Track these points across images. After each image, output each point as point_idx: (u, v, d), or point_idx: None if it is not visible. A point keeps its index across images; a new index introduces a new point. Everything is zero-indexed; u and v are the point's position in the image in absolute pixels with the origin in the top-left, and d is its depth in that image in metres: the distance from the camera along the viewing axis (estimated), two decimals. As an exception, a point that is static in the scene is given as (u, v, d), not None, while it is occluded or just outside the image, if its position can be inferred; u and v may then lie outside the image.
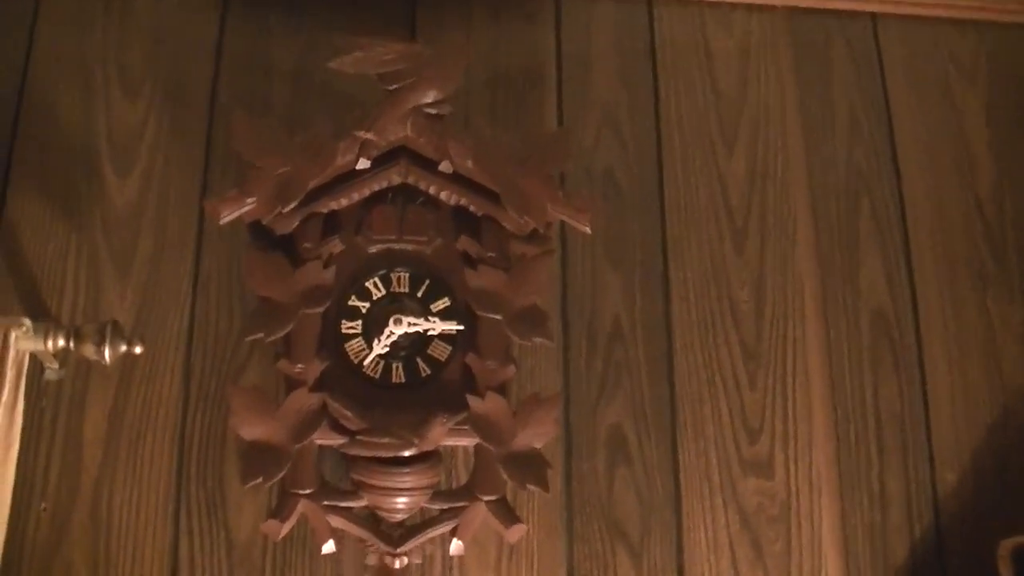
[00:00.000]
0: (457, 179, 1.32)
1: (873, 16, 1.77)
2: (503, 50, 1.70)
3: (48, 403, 1.45)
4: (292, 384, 1.26)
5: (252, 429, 1.24)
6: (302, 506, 1.24)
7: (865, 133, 1.70)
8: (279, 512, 1.23)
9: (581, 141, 1.64)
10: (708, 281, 1.59)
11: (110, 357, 1.36)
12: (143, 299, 1.51)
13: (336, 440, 1.25)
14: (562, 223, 1.42)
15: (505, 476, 1.24)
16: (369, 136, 1.28)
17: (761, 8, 1.75)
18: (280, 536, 1.23)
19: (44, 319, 1.41)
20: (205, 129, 1.60)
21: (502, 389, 1.28)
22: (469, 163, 1.29)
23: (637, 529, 1.48)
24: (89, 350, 1.36)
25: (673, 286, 1.59)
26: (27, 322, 1.34)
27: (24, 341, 1.34)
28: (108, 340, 1.36)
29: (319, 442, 1.26)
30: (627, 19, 1.74)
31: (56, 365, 1.46)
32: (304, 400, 1.24)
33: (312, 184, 1.28)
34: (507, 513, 1.25)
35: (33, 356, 1.39)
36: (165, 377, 1.48)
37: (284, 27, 1.66)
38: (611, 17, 1.73)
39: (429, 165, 1.31)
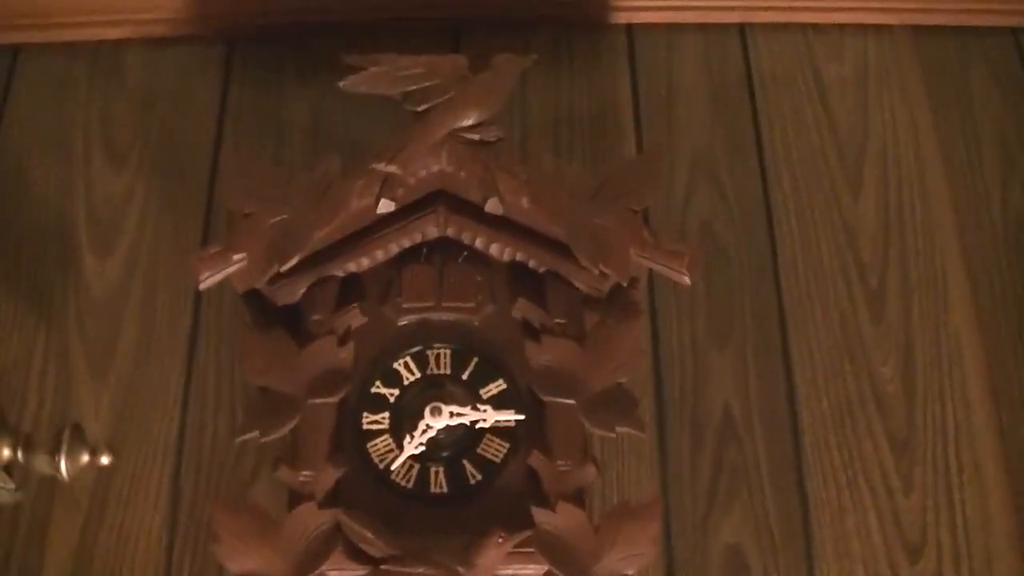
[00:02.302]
0: (510, 226, 1.09)
1: (1015, 31, 1.58)
2: (566, 91, 1.52)
3: (1, 532, 1.27)
4: (297, 498, 1.03)
5: (243, 560, 1.01)
6: None
7: (1020, 166, 1.49)
8: None
9: (671, 193, 1.45)
10: (841, 358, 1.37)
11: (68, 471, 1.11)
12: (123, 404, 1.33)
13: (355, 572, 1.01)
14: (650, 284, 1.27)
15: None
16: (392, 169, 1.04)
17: (878, 28, 1.57)
18: None
19: (-11, 426, 1.20)
20: (204, 200, 1.45)
21: (579, 498, 1.04)
22: (524, 201, 1.06)
23: None
24: (42, 462, 1.12)
25: (796, 366, 1.36)
26: (-36, 428, 1.11)
27: (-39, 452, 1.11)
28: (65, 448, 1.11)
29: (332, 574, 1.02)
30: (716, 48, 1.56)
31: (11, 485, 1.21)
32: (312, 519, 1.01)
33: (320, 236, 1.06)
34: None
35: (-21, 474, 1.18)
36: (147, 501, 1.29)
37: (297, 77, 1.53)
38: (696, 47, 1.56)
39: (473, 211, 1.09)
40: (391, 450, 1.05)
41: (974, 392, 1.35)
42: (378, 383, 1.08)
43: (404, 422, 1.05)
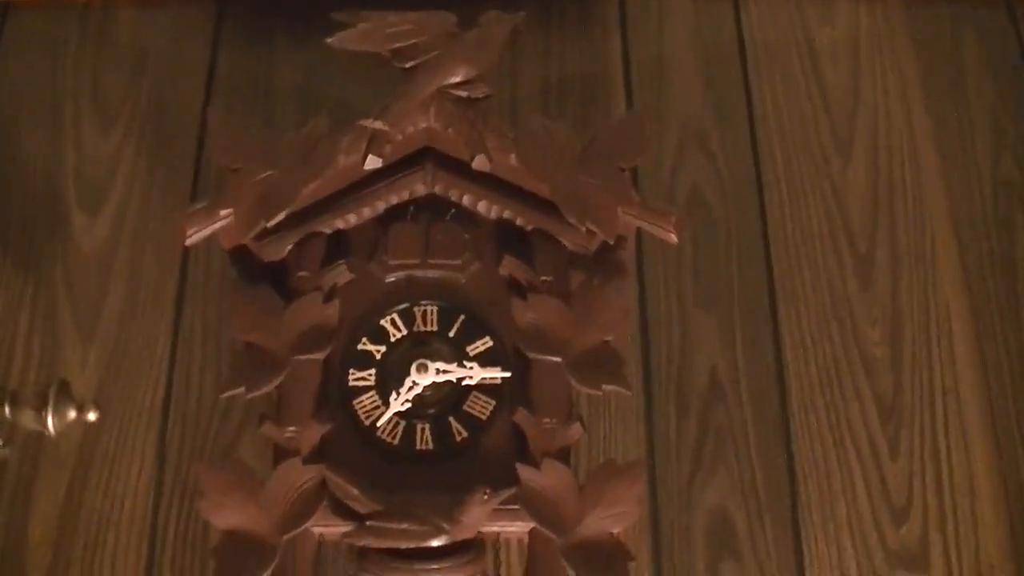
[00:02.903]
0: (498, 184, 1.09)
1: (1007, 2, 1.55)
2: (556, 58, 1.50)
3: None
4: (282, 455, 1.02)
5: (228, 515, 1.00)
6: None
7: (1011, 137, 1.47)
8: None
9: (660, 160, 1.43)
10: (829, 322, 1.35)
11: (55, 427, 1.10)
12: (110, 363, 1.32)
13: (341, 527, 1.00)
14: (638, 248, 1.27)
15: (572, 573, 0.99)
16: (379, 125, 1.04)
17: None
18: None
19: (-26, 384, 1.19)
20: (192, 161, 1.43)
21: (564, 456, 1.02)
22: (512, 158, 1.05)
23: (753, 648, 1.23)
24: (28, 417, 1.11)
25: (784, 329, 1.35)
26: (-52, 384, 1.10)
27: (-54, 408, 1.10)
28: (51, 405, 1.10)
29: (317, 530, 1.01)
30: (707, 17, 1.53)
31: None
32: (297, 475, 1.00)
33: (308, 192, 1.05)
34: None
35: (-35, 433, 1.17)
36: (133, 459, 1.27)
37: (288, 39, 1.51)
38: (687, 14, 1.53)
39: (461, 169, 1.08)
40: (377, 407, 1.04)
41: (961, 358, 1.34)
42: (364, 340, 1.07)
43: (390, 379, 1.05)
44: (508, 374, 1.04)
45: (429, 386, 1.04)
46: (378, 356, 1.06)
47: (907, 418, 1.31)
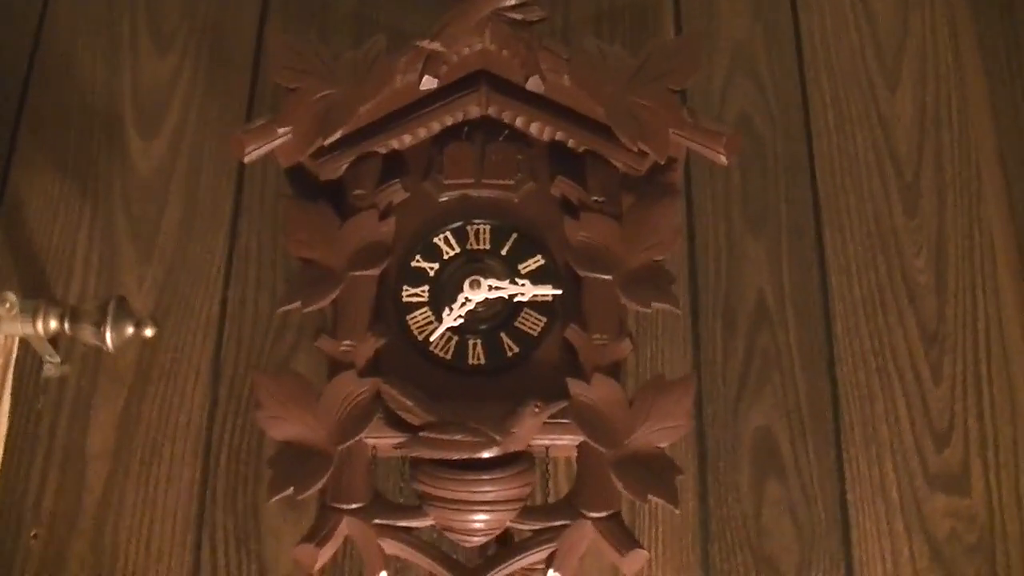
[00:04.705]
0: (551, 107, 1.09)
1: None
2: None
3: (46, 405, 1.29)
4: (337, 367, 1.03)
5: (284, 426, 1.01)
6: (347, 526, 0.99)
7: None
8: (316, 534, 0.98)
9: (708, 86, 1.43)
10: (874, 248, 1.36)
11: (113, 342, 1.14)
12: (166, 281, 1.35)
13: (394, 438, 1.01)
14: (687, 173, 1.26)
15: (620, 486, 0.99)
16: (435, 46, 1.05)
17: None
18: (317, 567, 0.98)
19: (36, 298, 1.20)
20: (248, 83, 1.44)
21: (614, 371, 1.03)
22: (566, 79, 1.06)
23: (794, 562, 1.25)
24: (87, 333, 1.14)
25: (830, 255, 1.36)
26: (11, 297, 1.13)
27: (9, 322, 1.13)
28: (110, 320, 1.14)
29: (371, 441, 1.02)
30: None
31: (56, 359, 1.27)
32: (352, 387, 1.01)
33: (365, 112, 1.07)
34: (622, 535, 0.99)
35: (28, 346, 1.21)
36: (189, 375, 1.30)
37: None
38: None
39: (515, 91, 1.09)
40: (430, 322, 1.05)
41: (1005, 286, 1.34)
42: (418, 257, 1.08)
43: (443, 295, 1.06)
44: (560, 291, 1.05)
45: (481, 302, 1.05)
46: (431, 273, 1.07)
47: (950, 344, 1.32)
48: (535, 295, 1.05)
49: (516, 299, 1.06)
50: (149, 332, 1.16)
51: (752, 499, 1.26)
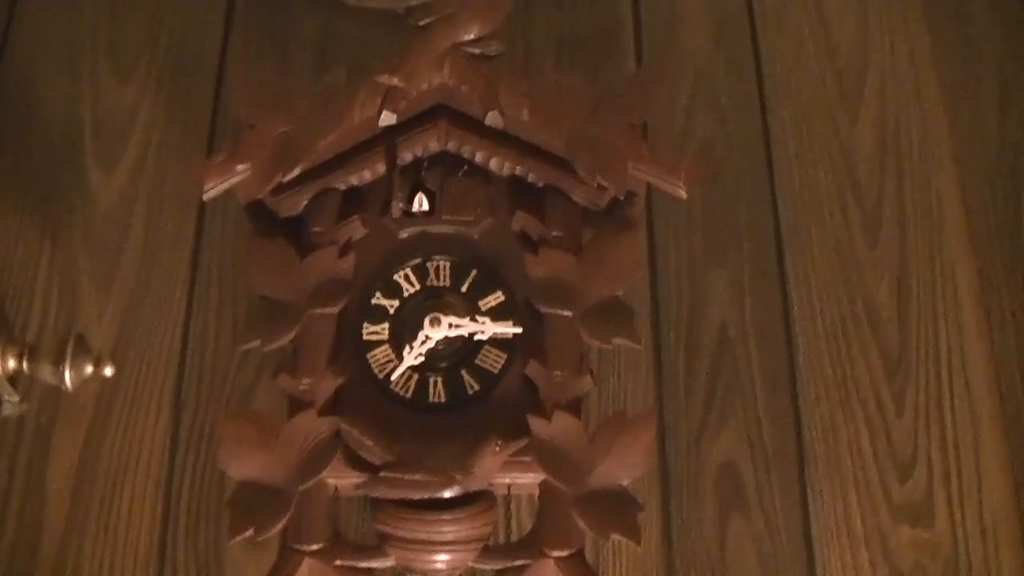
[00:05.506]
0: (511, 141, 1.09)
1: None
2: (568, 14, 1.50)
3: (5, 443, 1.27)
4: (297, 406, 1.02)
5: (244, 465, 1.00)
6: (308, 567, 0.98)
7: (1018, 97, 1.46)
8: (277, 574, 0.97)
9: (670, 116, 1.44)
10: (836, 278, 1.36)
11: (72, 381, 1.11)
12: (127, 315, 1.32)
13: (354, 478, 1.01)
14: (648, 204, 1.27)
15: (582, 524, 0.99)
16: (394, 81, 1.04)
17: None
18: (279, 609, 0.97)
19: (-6, 336, 1.19)
20: (209, 114, 1.43)
21: (575, 407, 1.02)
22: (525, 113, 1.06)
23: (760, 596, 1.24)
24: (46, 372, 1.12)
25: (792, 285, 1.35)
26: (-31, 337, 1.10)
27: (-33, 363, 1.11)
28: (69, 359, 1.11)
29: (332, 481, 1.01)
30: None
31: (16, 398, 1.21)
32: (311, 426, 1.00)
33: (323, 147, 1.06)
34: (586, 574, 0.99)
35: (-15, 385, 1.17)
36: (150, 410, 1.28)
37: None
38: None
39: (474, 125, 1.09)
40: (391, 360, 1.04)
41: (967, 316, 1.34)
42: (378, 294, 1.07)
43: (404, 333, 1.05)
44: (520, 329, 1.04)
45: (442, 340, 1.04)
46: (391, 310, 1.07)
47: (912, 375, 1.31)
48: (496, 332, 1.05)
49: (476, 337, 1.05)
50: (108, 371, 1.13)
51: (716, 533, 1.25)
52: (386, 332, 1.06)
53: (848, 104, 1.45)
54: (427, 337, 1.03)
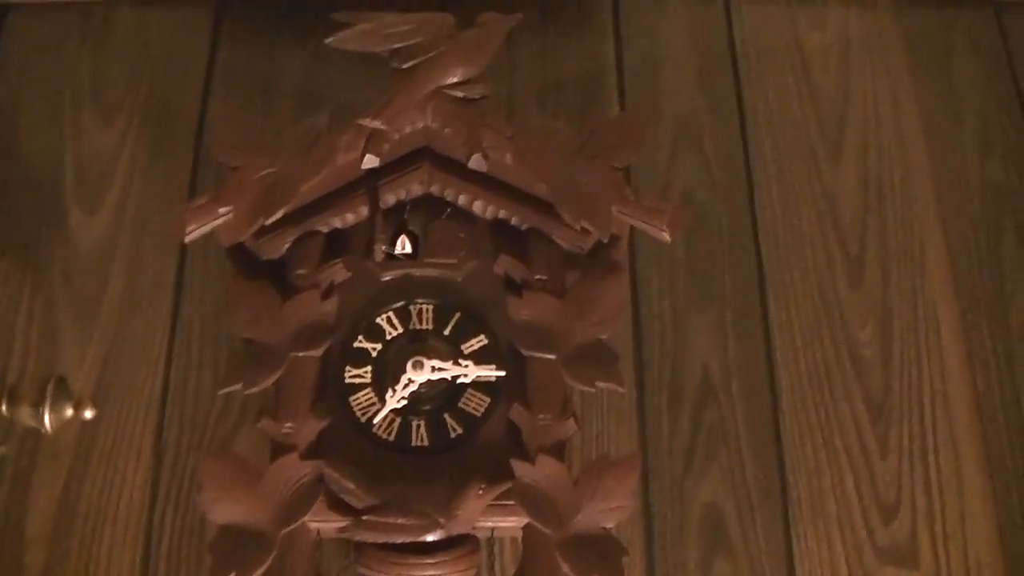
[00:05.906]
0: (494, 185, 1.09)
1: (996, 6, 1.55)
2: (552, 58, 1.50)
3: None
4: (279, 450, 1.01)
5: (226, 509, 0.99)
6: None
7: (998, 140, 1.47)
8: None
9: (653, 160, 1.43)
10: (819, 322, 1.35)
11: (52, 424, 1.10)
12: (108, 358, 1.31)
13: (337, 522, 0.99)
14: (631, 247, 1.27)
15: (565, 568, 0.98)
16: (377, 124, 1.04)
17: (862, 0, 1.55)
18: (260, 655, 0.96)
19: (-28, 379, 1.18)
20: (191, 158, 1.42)
21: (558, 451, 1.02)
22: (508, 158, 1.05)
23: (743, 641, 1.22)
24: (25, 415, 1.11)
25: (775, 329, 1.35)
26: (-54, 380, 1.09)
27: (-53, 407, 1.10)
28: (49, 402, 1.10)
29: (315, 525, 1.00)
30: (700, 19, 1.54)
31: None
32: (294, 470, 0.99)
33: (306, 190, 1.06)
34: None
35: (-36, 430, 1.16)
36: (131, 454, 1.27)
37: (288, 39, 1.49)
38: (680, 17, 1.54)
39: (458, 169, 1.08)
40: (373, 404, 1.04)
41: (950, 358, 1.34)
42: (361, 337, 1.07)
43: (386, 376, 1.04)
44: (503, 373, 1.04)
45: (424, 383, 1.03)
46: (374, 353, 1.06)
47: (896, 417, 1.31)
48: (479, 376, 1.04)
49: (459, 380, 1.04)
50: (88, 414, 1.12)
51: (700, 577, 1.24)
52: (369, 375, 1.05)
53: (831, 147, 1.45)
54: (410, 380, 1.03)
